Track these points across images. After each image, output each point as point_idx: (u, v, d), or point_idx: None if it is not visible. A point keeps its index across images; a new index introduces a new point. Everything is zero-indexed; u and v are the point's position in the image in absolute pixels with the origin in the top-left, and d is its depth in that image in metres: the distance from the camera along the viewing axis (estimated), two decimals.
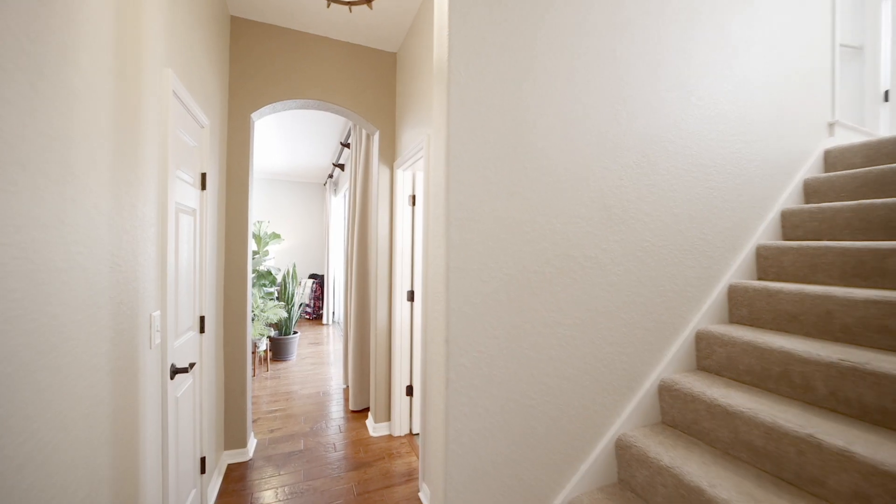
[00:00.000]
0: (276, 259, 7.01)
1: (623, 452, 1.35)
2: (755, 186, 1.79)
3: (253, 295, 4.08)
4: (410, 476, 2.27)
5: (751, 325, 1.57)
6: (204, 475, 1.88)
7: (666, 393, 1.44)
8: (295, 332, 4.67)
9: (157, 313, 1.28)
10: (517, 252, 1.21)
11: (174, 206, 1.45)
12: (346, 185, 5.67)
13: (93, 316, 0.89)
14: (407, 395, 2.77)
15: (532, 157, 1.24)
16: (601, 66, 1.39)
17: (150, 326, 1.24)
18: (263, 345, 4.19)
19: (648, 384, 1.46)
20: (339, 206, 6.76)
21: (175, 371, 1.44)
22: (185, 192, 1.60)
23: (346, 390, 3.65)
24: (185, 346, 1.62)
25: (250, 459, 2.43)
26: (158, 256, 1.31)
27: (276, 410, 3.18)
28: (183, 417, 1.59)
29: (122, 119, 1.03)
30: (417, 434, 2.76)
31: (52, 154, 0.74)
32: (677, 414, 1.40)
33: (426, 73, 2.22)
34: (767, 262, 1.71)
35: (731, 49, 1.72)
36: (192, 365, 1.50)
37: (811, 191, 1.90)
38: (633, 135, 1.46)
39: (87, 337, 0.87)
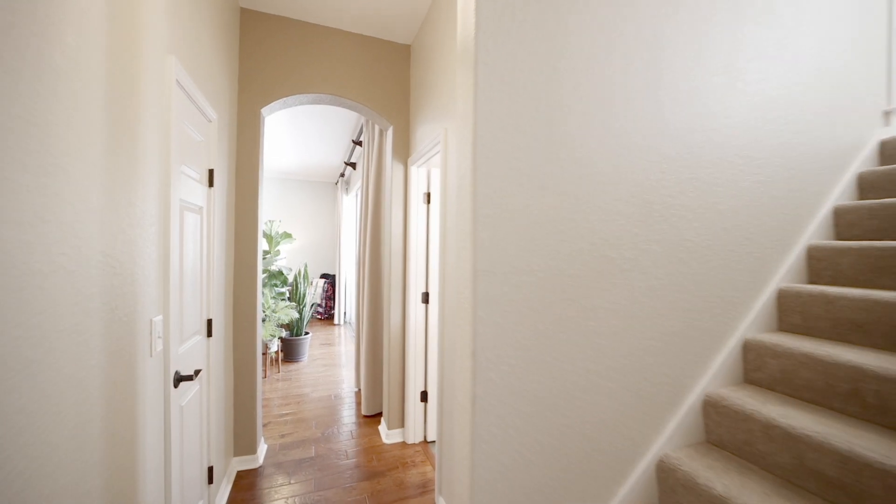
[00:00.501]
0: (287, 259, 6.98)
1: (666, 476, 1.21)
2: (805, 181, 1.63)
3: (264, 295, 4.03)
4: (425, 488, 2.16)
5: (805, 335, 1.41)
6: (212, 485, 1.80)
7: (712, 409, 1.30)
8: (306, 333, 4.61)
9: (158, 318, 1.19)
10: (551, 253, 1.08)
11: (178, 203, 1.36)
12: (359, 184, 5.60)
13: (80, 324, 0.80)
14: (421, 401, 2.66)
15: (567, 147, 1.11)
16: (642, 47, 1.25)
17: (151, 333, 1.15)
18: (275, 346, 4.13)
19: (692, 399, 1.32)
20: (350, 205, 6.70)
21: (179, 379, 1.35)
22: (191, 189, 1.52)
23: (357, 393, 3.57)
24: (191, 351, 1.54)
25: (260, 466, 2.35)
26: (160, 257, 1.22)
27: (286, 414, 3.10)
28: (189, 426, 1.50)
29: (117, 107, 0.94)
30: (432, 442, 2.65)
31: (28, 140, 0.65)
32: (725, 433, 1.25)
33: (442, 64, 2.10)
34: (821, 265, 1.54)
35: (781, 29, 1.56)
36: (197, 372, 1.42)
37: (867, 185, 1.73)
38: (677, 123, 1.32)
39: (74, 348, 0.77)
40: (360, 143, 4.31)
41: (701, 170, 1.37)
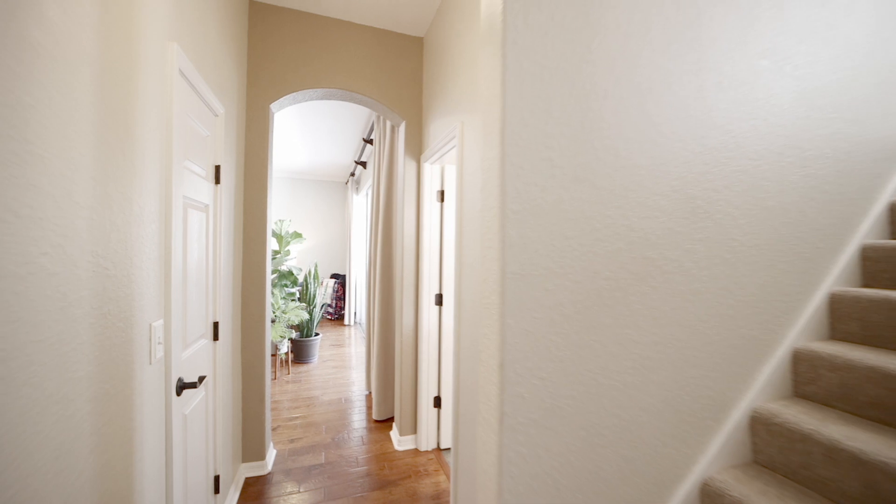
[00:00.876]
0: (297, 259, 6.96)
1: (711, 502, 1.09)
2: (858, 175, 1.48)
3: (274, 296, 3.98)
4: (440, 499, 2.06)
5: (864, 344, 1.27)
6: (218, 494, 1.72)
7: (761, 427, 1.17)
8: (317, 334, 4.56)
9: (158, 323, 1.11)
10: (586, 253, 0.97)
11: (182, 200, 1.29)
12: (369, 183, 5.53)
13: (66, 332, 0.72)
14: (434, 406, 2.56)
15: (602, 135, 1.00)
16: (683, 25, 1.13)
17: (150, 338, 1.07)
18: (285, 347, 4.08)
19: (738, 415, 1.19)
20: (361, 205, 6.65)
21: (182, 386, 1.27)
22: (196, 186, 1.44)
23: (368, 396, 3.49)
24: (196, 356, 1.46)
25: (269, 473, 2.28)
26: (161, 257, 1.15)
27: (296, 418, 3.04)
28: (193, 435, 1.43)
29: (110, 94, 0.86)
30: (445, 449, 2.55)
31: None
32: (777, 454, 1.13)
33: (457, 55, 2.00)
34: (878, 266, 1.40)
35: (832, 7, 1.42)
36: (201, 379, 1.34)
37: None
38: (720, 110, 1.19)
39: (57, 359, 0.69)
40: (370, 142, 4.24)
41: (747, 162, 1.24)
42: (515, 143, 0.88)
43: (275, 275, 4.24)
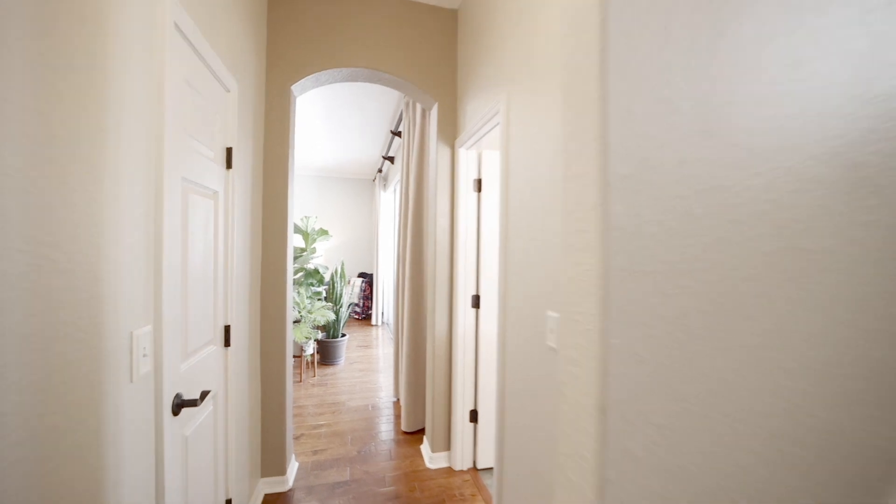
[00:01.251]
0: (324, 257, 6.87)
1: None
2: None
3: (300, 294, 3.83)
4: None
5: None
6: None
7: None
8: (343, 335, 4.39)
9: (145, 329, 0.90)
10: (719, 241, 0.66)
11: (180, 181, 1.08)
12: (397, 178, 5.32)
13: None
14: (471, 420, 2.28)
15: (740, 71, 0.69)
16: None
17: (132, 350, 0.85)
18: (310, 348, 3.92)
19: None
20: (388, 202, 6.47)
21: (180, 404, 1.06)
22: (202, 168, 1.24)
23: (396, 403, 3.26)
24: (202, 366, 1.26)
25: (290, 490, 2.08)
26: (149, 249, 0.93)
27: (321, 425, 2.85)
28: (198, 458, 1.22)
29: (65, 30, 0.64)
30: (483, 470, 2.26)
31: None
32: None
33: (502, 18, 1.72)
34: None
35: None
36: (204, 395, 1.12)
37: None
38: (893, 41, 0.85)
39: None
40: (398, 134, 4.01)
41: None
42: (622, 72, 0.59)
43: (301, 273, 4.10)
